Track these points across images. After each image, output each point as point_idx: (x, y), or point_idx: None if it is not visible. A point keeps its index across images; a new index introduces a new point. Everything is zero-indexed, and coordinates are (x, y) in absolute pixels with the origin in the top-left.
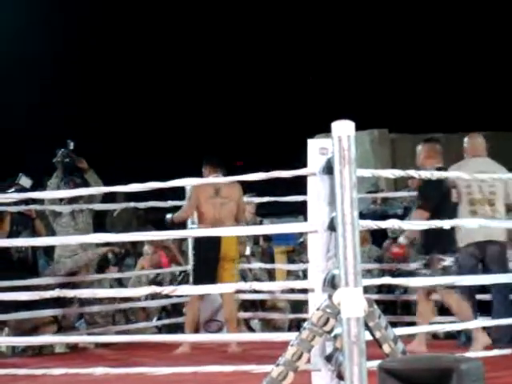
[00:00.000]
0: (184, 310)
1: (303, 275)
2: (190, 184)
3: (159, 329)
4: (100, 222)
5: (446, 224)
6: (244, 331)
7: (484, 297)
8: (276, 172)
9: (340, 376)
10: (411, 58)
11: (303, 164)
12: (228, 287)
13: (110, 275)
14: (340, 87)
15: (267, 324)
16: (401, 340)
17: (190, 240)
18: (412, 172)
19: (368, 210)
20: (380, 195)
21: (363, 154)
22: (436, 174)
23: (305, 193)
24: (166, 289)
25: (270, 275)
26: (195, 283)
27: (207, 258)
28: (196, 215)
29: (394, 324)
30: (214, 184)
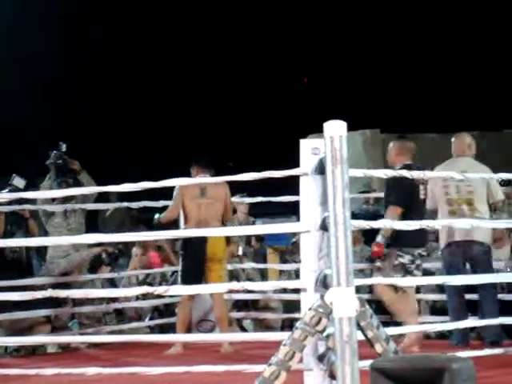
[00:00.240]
0: (176, 310)
1: (296, 275)
2: (182, 184)
3: (151, 329)
4: (92, 222)
5: (437, 223)
6: (236, 331)
7: (472, 296)
8: (268, 172)
9: (332, 375)
10: (403, 59)
11: (296, 164)
12: (219, 287)
13: (102, 275)
14: (332, 88)
15: (260, 324)
16: (392, 339)
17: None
18: (404, 172)
19: (360, 210)
20: (372, 195)
21: (355, 154)
22: (428, 174)
23: (297, 193)
24: (159, 289)
25: (263, 275)
26: (183, 283)
27: (194, 259)
28: (182, 215)
29: (386, 323)
30: (200, 184)
